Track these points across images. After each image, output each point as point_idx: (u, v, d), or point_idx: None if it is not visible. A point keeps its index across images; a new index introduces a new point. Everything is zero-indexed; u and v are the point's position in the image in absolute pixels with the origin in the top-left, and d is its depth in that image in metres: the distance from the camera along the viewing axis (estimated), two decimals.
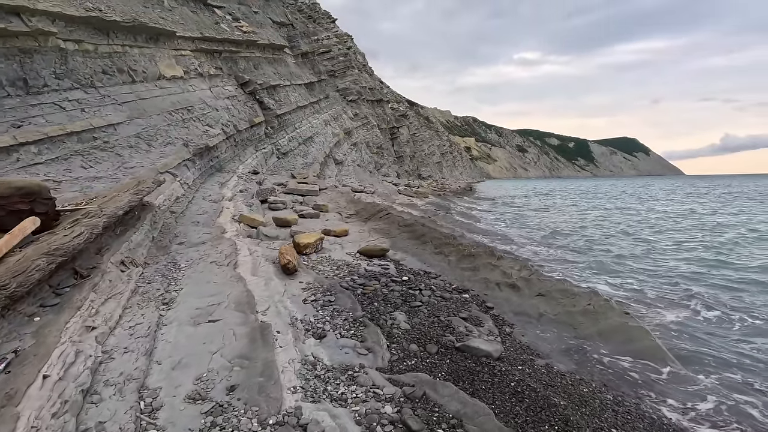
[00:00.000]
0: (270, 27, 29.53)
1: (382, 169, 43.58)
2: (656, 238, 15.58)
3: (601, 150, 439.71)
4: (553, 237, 15.75)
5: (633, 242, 14.75)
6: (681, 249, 13.53)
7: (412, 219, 11.02)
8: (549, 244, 13.80)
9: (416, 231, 9.74)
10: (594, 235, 16.52)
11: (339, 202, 13.87)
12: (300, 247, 7.78)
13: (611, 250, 13.04)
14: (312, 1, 65.17)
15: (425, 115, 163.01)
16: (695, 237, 15.60)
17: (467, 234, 12.62)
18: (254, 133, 20.54)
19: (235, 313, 4.25)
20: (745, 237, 15.92)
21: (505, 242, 13.07)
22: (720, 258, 11.86)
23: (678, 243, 14.68)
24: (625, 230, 17.92)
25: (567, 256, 11.85)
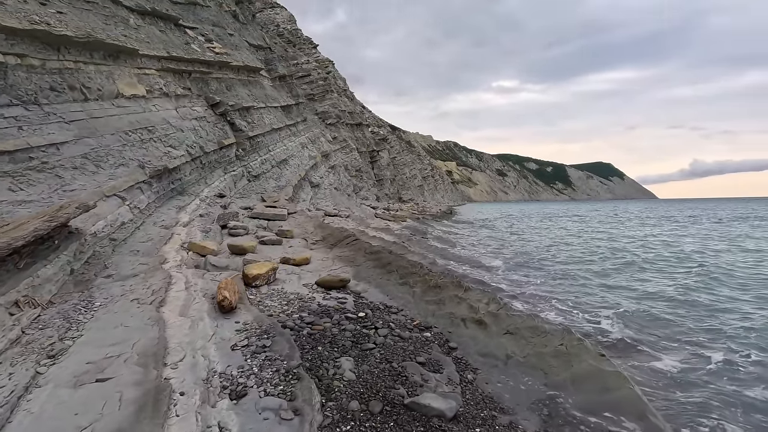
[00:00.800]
0: (246, 49, 29.28)
1: (360, 192, 43.13)
2: (636, 266, 15.27)
3: (578, 174, 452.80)
4: (529, 263, 15.33)
5: (612, 269, 14.39)
6: (664, 277, 13.18)
7: (379, 246, 10.39)
8: (523, 271, 13.32)
9: (382, 259, 9.09)
10: (570, 261, 16.19)
11: (306, 227, 13.18)
12: (249, 279, 7.03)
13: (587, 278, 12.63)
14: (294, 28, 65.87)
15: (407, 139, 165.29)
16: (678, 266, 15.29)
17: (439, 260, 12.04)
18: (224, 155, 19.82)
19: (134, 369, 3.48)
20: (732, 271, 14.90)
21: (477, 269, 12.52)
22: (710, 289, 11.38)
23: (660, 271, 14.35)
24: (604, 256, 17.68)
25: (541, 285, 11.34)
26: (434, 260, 11.43)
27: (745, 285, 11.90)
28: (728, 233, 29.43)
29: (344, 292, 7.44)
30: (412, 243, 15.46)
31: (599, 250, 19.50)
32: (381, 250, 9.64)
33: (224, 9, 28.48)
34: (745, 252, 19.59)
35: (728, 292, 10.97)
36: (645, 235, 29.50)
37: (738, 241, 24.30)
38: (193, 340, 4.28)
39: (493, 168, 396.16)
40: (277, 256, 9.63)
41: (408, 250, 12.21)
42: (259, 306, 6.12)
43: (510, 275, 12.39)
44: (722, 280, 12.48)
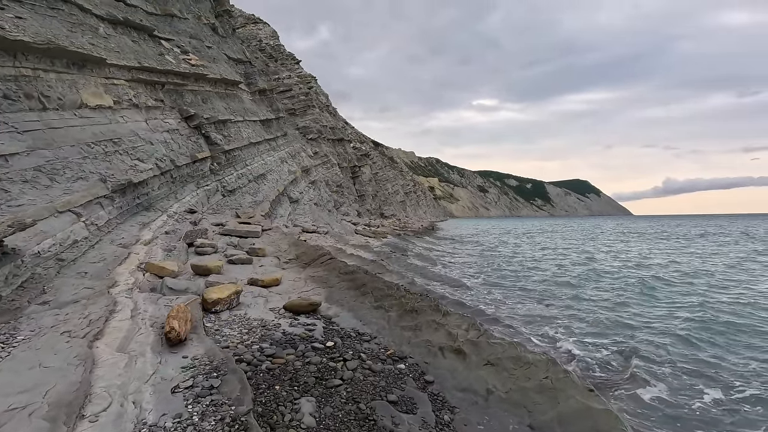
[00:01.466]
0: (224, 62, 28.80)
1: (341, 208, 42.57)
2: (622, 285, 15.03)
3: (557, 191, 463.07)
4: (511, 282, 15.00)
5: (595, 289, 14.16)
6: (651, 299, 12.91)
7: (355, 265, 9.87)
8: (505, 291, 12.95)
9: (357, 280, 8.58)
10: (553, 280, 15.95)
11: (280, 244, 12.57)
12: (208, 304, 6.41)
13: (569, 299, 12.34)
14: (276, 43, 65.88)
15: (389, 155, 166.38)
16: (667, 286, 15.05)
17: (418, 280, 11.58)
18: (197, 169, 19.09)
19: (39, 425, 2.87)
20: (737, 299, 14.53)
21: (458, 290, 12.10)
22: (705, 313, 10.97)
23: (648, 293, 14.02)
24: (586, 274, 17.52)
25: (523, 306, 10.98)
26: (413, 280, 10.97)
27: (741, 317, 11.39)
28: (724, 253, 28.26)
29: (314, 317, 6.88)
30: (391, 261, 14.98)
31: (580, 269, 19.39)
32: (356, 270, 9.12)
33: (203, 22, 28.04)
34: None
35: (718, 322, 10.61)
36: (619, 251, 29.74)
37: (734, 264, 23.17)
38: (126, 382, 3.67)
39: (475, 184, 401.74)
40: (245, 276, 9.02)
41: (386, 269, 11.73)
42: (216, 335, 5.52)
43: (491, 295, 12.00)
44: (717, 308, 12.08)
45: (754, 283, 15.69)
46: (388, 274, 11.44)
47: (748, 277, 17.16)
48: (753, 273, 18.04)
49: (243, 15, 65.73)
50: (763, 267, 20.15)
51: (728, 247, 32.26)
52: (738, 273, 18.29)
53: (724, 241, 38.92)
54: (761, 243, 35.65)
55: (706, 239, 42.57)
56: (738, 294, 13.65)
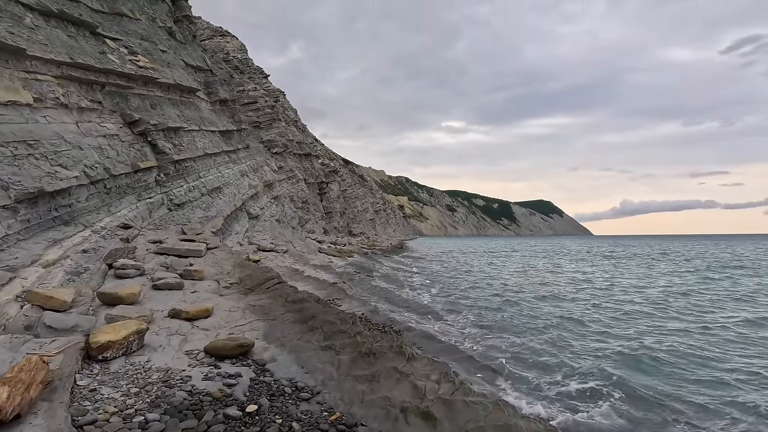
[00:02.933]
0: (181, 69, 26.95)
1: (307, 225, 40.75)
2: (607, 312, 13.91)
3: (522, 211, 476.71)
4: (484, 307, 13.82)
5: (579, 319, 12.91)
6: (637, 331, 11.64)
7: (304, 293, 8.37)
8: (479, 319, 11.71)
9: (306, 310, 7.08)
10: (533, 306, 14.86)
11: (224, 266, 10.87)
12: (94, 349, 4.78)
13: (557, 331, 11.10)
14: (244, 57, 64.25)
15: (360, 173, 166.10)
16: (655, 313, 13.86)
17: (382, 306, 10.17)
18: (139, 179, 17.09)
19: None
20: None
21: (426, 318, 10.76)
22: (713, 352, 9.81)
23: (633, 321, 12.78)
24: (566, 298, 16.54)
25: (502, 339, 9.75)
26: (375, 307, 9.54)
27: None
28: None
29: (242, 362, 5.34)
30: (353, 284, 13.51)
31: (556, 291, 18.57)
32: (305, 299, 7.62)
33: (158, 24, 26.23)
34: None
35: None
36: (596, 275, 29.46)
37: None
38: None
39: (443, 203, 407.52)
40: (169, 306, 7.33)
41: (345, 295, 10.26)
42: (85, 401, 3.89)
43: (463, 324, 10.72)
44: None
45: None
46: (347, 300, 9.98)
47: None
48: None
49: (210, 27, 63.91)
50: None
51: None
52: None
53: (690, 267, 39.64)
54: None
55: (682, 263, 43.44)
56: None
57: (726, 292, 19.29)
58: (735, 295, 18.19)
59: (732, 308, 15.31)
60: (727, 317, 13.58)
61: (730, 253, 59.22)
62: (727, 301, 16.65)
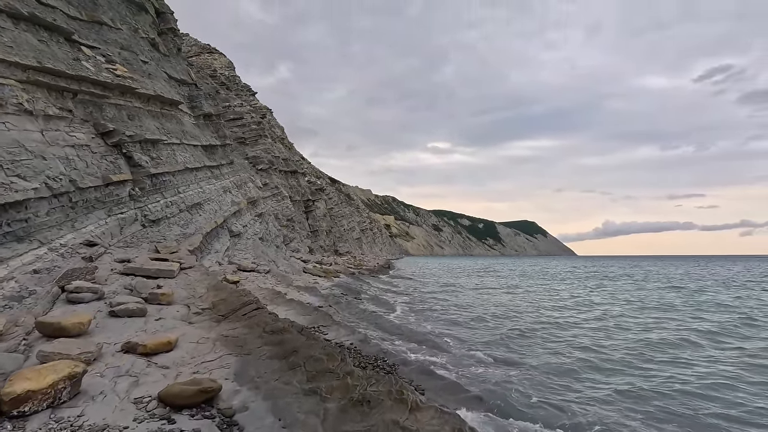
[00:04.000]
0: (164, 81, 26.04)
1: (291, 244, 39.48)
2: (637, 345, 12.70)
3: (507, 231, 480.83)
4: (485, 335, 12.80)
5: (590, 347, 11.82)
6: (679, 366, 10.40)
7: (286, 321, 7.34)
8: (483, 348, 10.69)
9: (286, 343, 6.05)
10: (535, 331, 13.89)
11: (197, 288, 9.76)
12: (8, 403, 3.69)
13: (566, 359, 10.13)
14: (231, 74, 63.78)
15: (346, 192, 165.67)
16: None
17: (372, 334, 9.16)
18: (111, 193, 15.91)
19: None
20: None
21: (424, 348, 9.75)
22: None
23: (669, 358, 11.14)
24: (567, 323, 15.58)
25: (509, 374, 8.73)
26: (365, 336, 8.53)
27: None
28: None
29: (204, 413, 4.29)
30: (340, 308, 12.46)
31: (556, 316, 17.66)
32: (286, 328, 6.59)
33: (140, 35, 25.39)
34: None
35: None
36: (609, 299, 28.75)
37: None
38: None
39: (430, 223, 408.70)
40: (125, 337, 6.24)
41: (332, 321, 9.23)
42: None
43: (463, 356, 9.72)
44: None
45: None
46: (334, 327, 8.94)
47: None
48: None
49: (198, 44, 63.41)
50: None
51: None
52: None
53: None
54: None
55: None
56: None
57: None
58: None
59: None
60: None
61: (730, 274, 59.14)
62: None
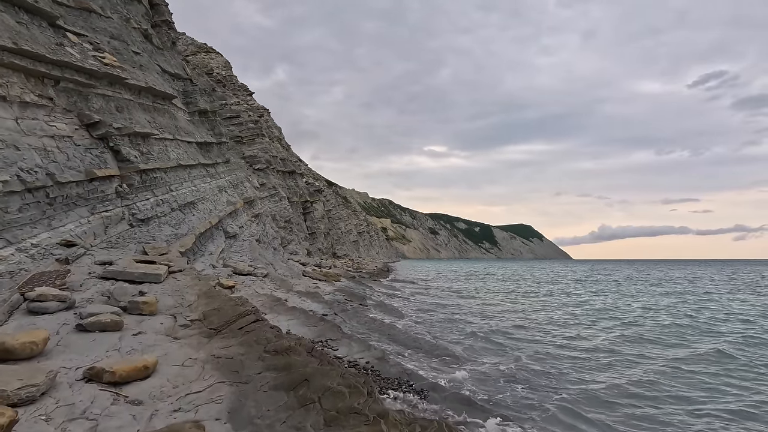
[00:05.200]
0: (156, 74, 24.75)
1: (289, 246, 38.15)
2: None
3: (503, 235, 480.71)
4: (513, 346, 11.47)
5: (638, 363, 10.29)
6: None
7: (293, 338, 6.08)
8: (512, 365, 9.38)
9: (293, 368, 4.79)
10: (569, 343, 12.54)
11: (186, 295, 8.47)
12: None
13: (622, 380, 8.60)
14: (228, 74, 62.58)
15: (343, 195, 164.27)
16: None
17: (388, 348, 7.95)
18: (95, 189, 14.61)
19: None
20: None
21: (446, 365, 8.46)
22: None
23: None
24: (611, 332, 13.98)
25: (558, 397, 7.45)
26: (383, 352, 7.28)
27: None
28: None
29: None
30: (347, 316, 11.20)
31: (583, 323, 16.23)
32: (293, 347, 5.34)
33: (132, 25, 24.11)
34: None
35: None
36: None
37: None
38: None
39: (426, 226, 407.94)
40: (92, 358, 4.98)
41: (341, 334, 7.98)
42: None
43: (500, 374, 8.43)
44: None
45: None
46: (345, 342, 7.69)
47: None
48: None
49: (194, 43, 62.11)
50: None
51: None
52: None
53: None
54: None
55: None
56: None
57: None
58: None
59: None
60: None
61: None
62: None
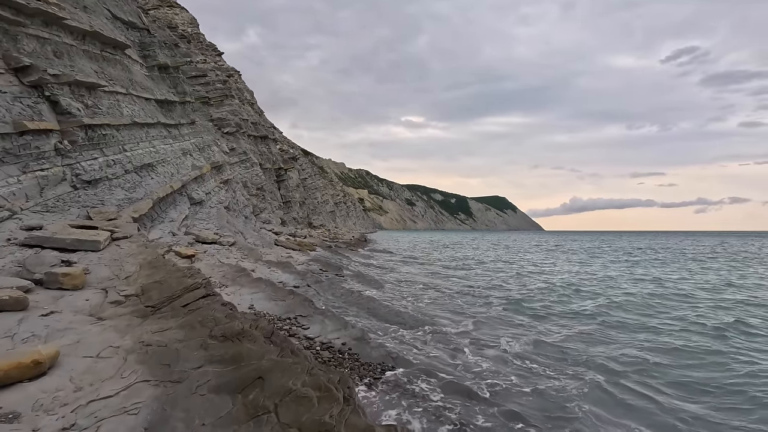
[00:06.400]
0: (106, 18, 21.91)
1: (262, 215, 36.40)
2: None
3: (478, 206, 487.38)
4: (505, 315, 10.68)
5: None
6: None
7: (249, 316, 4.85)
8: (511, 343, 8.47)
9: (245, 360, 3.59)
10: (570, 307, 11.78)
11: (125, 265, 7.06)
12: None
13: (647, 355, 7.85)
14: (195, 31, 58.02)
15: (320, 164, 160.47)
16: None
17: (367, 325, 6.84)
18: (26, 144, 12.62)
19: None
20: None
21: (441, 348, 7.43)
22: None
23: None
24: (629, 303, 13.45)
25: (576, 380, 6.52)
26: (362, 332, 6.21)
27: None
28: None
29: None
30: (322, 287, 10.05)
31: (585, 286, 15.63)
32: (247, 332, 4.11)
33: None
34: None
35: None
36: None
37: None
38: None
39: (403, 197, 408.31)
40: None
41: (313, 308, 6.83)
42: None
43: (498, 357, 7.48)
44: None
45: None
46: (317, 319, 6.55)
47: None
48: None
49: None
50: None
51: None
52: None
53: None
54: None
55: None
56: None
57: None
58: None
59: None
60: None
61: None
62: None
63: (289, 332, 6.08)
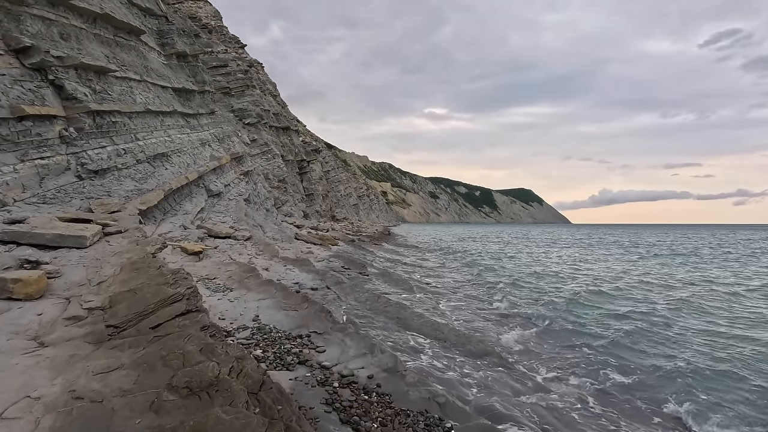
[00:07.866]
0: (120, 2, 21.03)
1: (283, 207, 35.44)
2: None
3: (503, 199, 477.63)
4: (591, 342, 8.62)
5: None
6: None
7: (234, 350, 3.40)
8: (607, 377, 6.56)
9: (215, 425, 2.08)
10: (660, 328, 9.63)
11: (104, 267, 5.79)
12: None
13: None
14: (218, 24, 57.50)
15: (343, 158, 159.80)
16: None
17: (399, 342, 5.29)
18: (27, 131, 11.68)
19: None
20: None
21: (501, 377, 5.74)
22: None
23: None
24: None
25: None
26: (395, 360, 4.66)
27: None
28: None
29: None
30: (343, 290, 8.60)
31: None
32: (222, 382, 2.64)
33: None
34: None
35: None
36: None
37: None
38: None
39: (426, 190, 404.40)
40: None
41: (331, 322, 5.37)
42: None
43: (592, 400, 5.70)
44: None
45: None
46: (335, 338, 5.10)
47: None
48: None
49: None
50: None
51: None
52: None
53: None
54: None
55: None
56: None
57: None
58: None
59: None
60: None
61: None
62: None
63: (298, 357, 4.64)
